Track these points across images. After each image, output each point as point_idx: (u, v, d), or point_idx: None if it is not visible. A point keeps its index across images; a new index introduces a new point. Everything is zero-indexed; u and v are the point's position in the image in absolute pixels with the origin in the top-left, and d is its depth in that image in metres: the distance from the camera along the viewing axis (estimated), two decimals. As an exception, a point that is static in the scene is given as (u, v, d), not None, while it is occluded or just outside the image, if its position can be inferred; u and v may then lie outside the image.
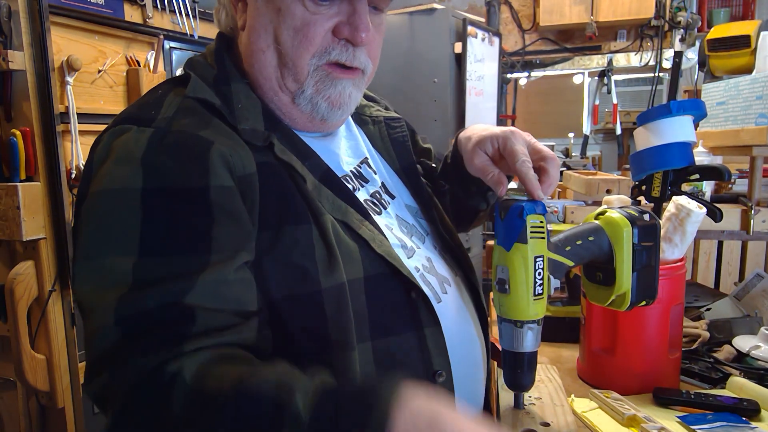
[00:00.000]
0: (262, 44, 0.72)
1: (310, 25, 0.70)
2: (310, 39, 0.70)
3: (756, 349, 1.04)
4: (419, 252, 0.82)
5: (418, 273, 0.78)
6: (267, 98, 0.76)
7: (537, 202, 0.74)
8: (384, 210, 0.83)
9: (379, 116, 0.93)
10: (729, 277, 1.77)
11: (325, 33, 0.71)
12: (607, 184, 1.74)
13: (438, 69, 2.76)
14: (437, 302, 0.77)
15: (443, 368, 0.73)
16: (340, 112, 0.76)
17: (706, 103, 1.35)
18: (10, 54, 1.56)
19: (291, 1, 0.70)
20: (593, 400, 0.91)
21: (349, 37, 0.72)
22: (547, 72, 4.21)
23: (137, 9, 1.98)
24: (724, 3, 4.29)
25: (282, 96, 0.75)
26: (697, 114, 1.14)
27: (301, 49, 0.71)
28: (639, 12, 3.49)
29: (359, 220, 0.74)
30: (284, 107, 0.76)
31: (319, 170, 0.75)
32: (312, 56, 0.72)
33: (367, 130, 0.92)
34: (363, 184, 0.84)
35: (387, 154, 0.91)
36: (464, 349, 0.80)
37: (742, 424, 0.82)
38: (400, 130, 0.93)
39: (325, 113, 0.75)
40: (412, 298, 0.73)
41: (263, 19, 0.72)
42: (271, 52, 0.72)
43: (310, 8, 0.70)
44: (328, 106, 0.75)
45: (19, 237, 1.60)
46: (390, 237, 0.78)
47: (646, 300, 0.81)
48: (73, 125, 1.76)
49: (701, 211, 0.98)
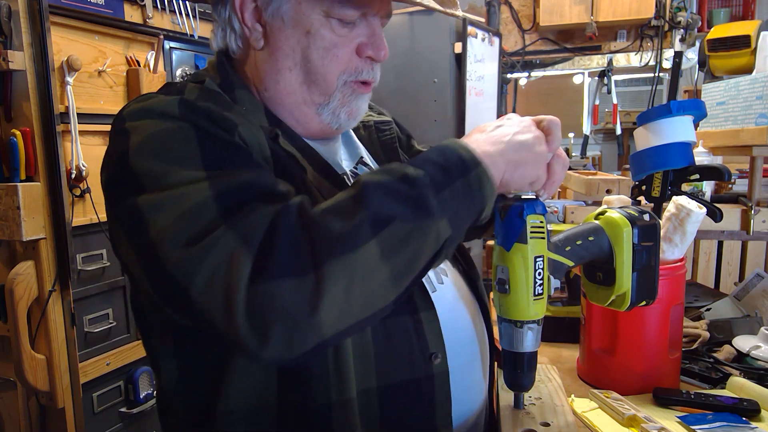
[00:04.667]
0: (289, 63, 0.79)
1: (338, 46, 0.77)
2: (339, 57, 0.78)
3: (756, 349, 1.04)
4: None
5: None
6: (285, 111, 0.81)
7: (537, 201, 0.74)
8: None
9: (370, 120, 0.98)
10: (729, 277, 1.77)
11: (351, 52, 0.79)
12: (607, 184, 1.74)
13: (438, 69, 2.76)
14: (432, 291, 0.79)
15: (439, 350, 0.75)
16: (353, 121, 0.84)
17: (706, 103, 1.35)
18: (10, 54, 1.56)
19: (319, 25, 0.76)
20: (593, 400, 0.91)
21: (372, 56, 0.79)
22: (547, 72, 4.21)
23: (137, 9, 1.98)
24: (724, 3, 4.29)
25: (304, 108, 0.81)
26: (697, 114, 1.14)
27: (331, 66, 0.78)
28: (639, 12, 3.48)
29: None
30: (303, 117, 0.82)
31: (318, 163, 0.80)
32: (341, 72, 0.79)
33: (359, 134, 0.96)
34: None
35: (377, 158, 0.95)
36: (459, 336, 0.81)
37: (742, 424, 0.82)
38: (389, 133, 0.97)
39: (343, 123, 0.82)
40: None
41: (291, 41, 0.78)
42: (298, 70, 0.79)
43: (337, 31, 0.77)
44: (346, 117, 0.82)
45: (19, 237, 1.60)
46: None
47: (646, 300, 0.81)
48: (73, 125, 1.76)
49: (701, 211, 0.98)
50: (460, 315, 0.83)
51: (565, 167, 0.77)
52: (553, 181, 0.75)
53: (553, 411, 0.82)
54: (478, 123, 0.93)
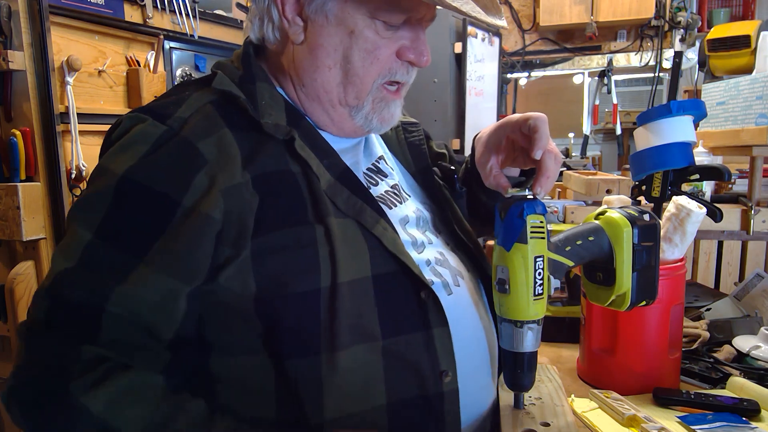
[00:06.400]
0: (329, 62, 0.77)
1: (381, 48, 0.76)
2: (380, 60, 0.77)
3: (756, 349, 1.04)
4: (431, 246, 0.83)
5: (429, 266, 0.79)
6: (320, 108, 0.80)
7: (537, 201, 0.74)
8: (403, 202, 0.85)
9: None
10: (729, 277, 1.77)
11: (391, 54, 0.77)
12: (607, 184, 1.74)
13: (438, 69, 2.76)
14: (448, 294, 0.78)
15: (450, 368, 0.74)
16: (386, 126, 0.83)
17: (706, 103, 1.35)
18: (10, 54, 1.56)
19: (364, 26, 0.75)
20: (593, 400, 0.91)
21: (414, 61, 0.78)
22: (547, 72, 4.20)
23: (137, 9, 1.98)
24: (724, 3, 4.28)
25: (339, 109, 0.80)
26: (697, 114, 1.14)
27: (371, 68, 0.77)
28: (639, 12, 3.48)
29: (374, 219, 0.76)
30: (338, 117, 0.81)
31: (338, 169, 0.78)
32: (378, 76, 0.78)
33: (385, 134, 0.95)
34: (382, 178, 0.86)
35: (403, 158, 0.94)
36: (472, 347, 0.80)
37: (742, 424, 0.82)
38: (417, 135, 0.95)
39: (375, 128, 0.82)
40: (421, 298, 0.74)
41: (333, 39, 0.76)
42: (337, 69, 0.77)
43: (381, 33, 0.75)
44: (379, 123, 0.81)
45: (19, 237, 1.60)
46: (401, 234, 0.79)
47: (646, 300, 0.81)
48: (73, 125, 1.76)
49: (701, 211, 0.98)
50: (474, 323, 0.82)
51: (558, 162, 0.77)
52: (547, 177, 0.75)
53: (553, 411, 0.82)
54: (478, 123, 0.93)
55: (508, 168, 0.87)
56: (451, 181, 0.96)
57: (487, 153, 0.84)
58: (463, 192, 0.96)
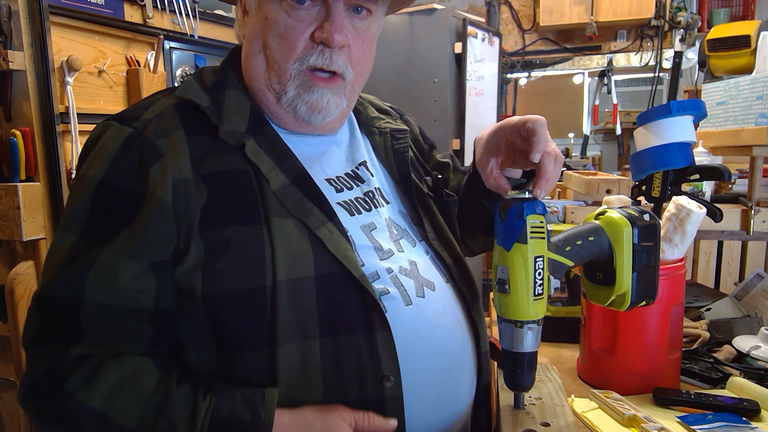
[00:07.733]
0: (254, 49, 0.80)
1: (291, 31, 0.76)
2: (291, 44, 0.76)
3: (756, 349, 1.04)
4: (401, 255, 0.82)
5: (390, 274, 0.79)
6: (258, 99, 0.83)
7: (537, 201, 0.74)
8: (374, 209, 0.85)
9: (387, 128, 0.96)
10: (729, 277, 1.77)
11: (304, 38, 0.76)
12: (607, 184, 1.74)
13: (438, 69, 2.76)
14: (406, 305, 0.78)
15: (392, 374, 0.73)
16: (321, 116, 0.81)
17: (706, 103, 1.35)
18: (10, 54, 1.56)
19: (275, 9, 0.76)
20: (593, 400, 0.91)
21: (324, 40, 0.76)
22: (547, 72, 4.21)
23: (137, 9, 1.97)
24: (724, 3, 4.28)
25: (269, 95, 0.81)
26: (697, 114, 1.14)
27: (285, 53, 0.77)
28: (639, 12, 3.49)
29: (320, 221, 0.76)
30: (271, 106, 0.82)
31: (294, 172, 0.78)
32: (294, 60, 0.77)
33: (374, 140, 0.95)
34: (358, 183, 0.86)
35: (388, 164, 0.94)
36: (432, 358, 0.79)
37: (742, 424, 0.82)
38: (403, 141, 0.95)
39: (306, 116, 0.81)
40: (367, 301, 0.74)
41: (256, 27, 0.79)
42: (261, 56, 0.79)
43: (291, 15, 0.76)
44: (308, 110, 0.80)
45: (19, 237, 1.60)
46: (360, 238, 0.80)
47: (646, 300, 0.81)
48: (73, 125, 1.76)
49: (701, 211, 0.98)
50: (435, 332, 0.80)
51: (558, 163, 0.77)
52: (546, 180, 0.75)
53: (553, 411, 0.82)
54: (478, 123, 0.93)
55: (510, 169, 0.86)
56: (437, 190, 0.95)
57: (486, 155, 0.84)
58: (451, 201, 0.96)
